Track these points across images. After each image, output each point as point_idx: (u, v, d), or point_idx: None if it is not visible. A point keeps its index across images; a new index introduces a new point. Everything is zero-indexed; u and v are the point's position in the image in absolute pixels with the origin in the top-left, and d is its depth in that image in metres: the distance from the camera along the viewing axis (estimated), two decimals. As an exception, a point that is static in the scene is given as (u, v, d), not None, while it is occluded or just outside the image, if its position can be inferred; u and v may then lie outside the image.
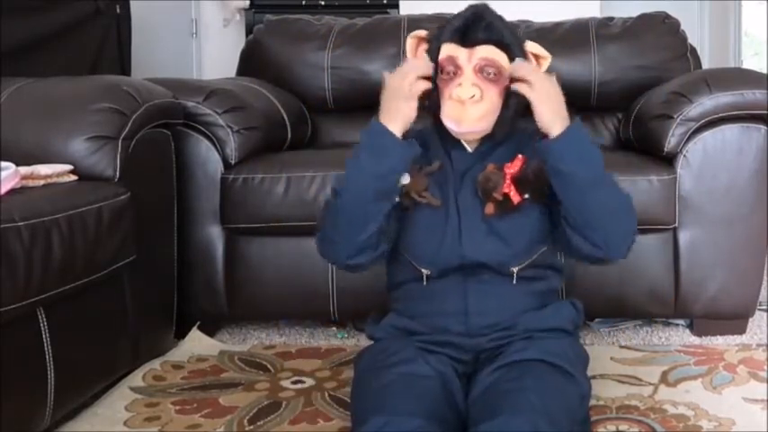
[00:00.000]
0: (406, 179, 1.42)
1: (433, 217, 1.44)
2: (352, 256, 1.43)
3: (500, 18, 1.45)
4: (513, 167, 1.41)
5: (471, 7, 1.45)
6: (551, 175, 1.35)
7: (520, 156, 1.42)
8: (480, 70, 1.39)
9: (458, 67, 1.40)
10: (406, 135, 1.38)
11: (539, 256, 1.45)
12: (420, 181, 1.44)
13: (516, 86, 1.37)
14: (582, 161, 1.34)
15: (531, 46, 1.46)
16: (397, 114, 1.37)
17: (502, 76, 1.41)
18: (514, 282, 1.43)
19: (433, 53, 1.44)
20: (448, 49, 1.42)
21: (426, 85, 1.39)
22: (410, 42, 1.49)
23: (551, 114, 1.35)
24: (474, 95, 1.37)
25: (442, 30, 1.45)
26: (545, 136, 1.35)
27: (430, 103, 1.45)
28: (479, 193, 1.42)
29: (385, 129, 1.36)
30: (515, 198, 1.40)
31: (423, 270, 1.44)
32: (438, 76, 1.43)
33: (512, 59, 1.41)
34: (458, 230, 1.42)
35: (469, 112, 1.38)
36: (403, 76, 1.38)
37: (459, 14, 1.45)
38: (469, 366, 1.42)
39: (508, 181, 1.40)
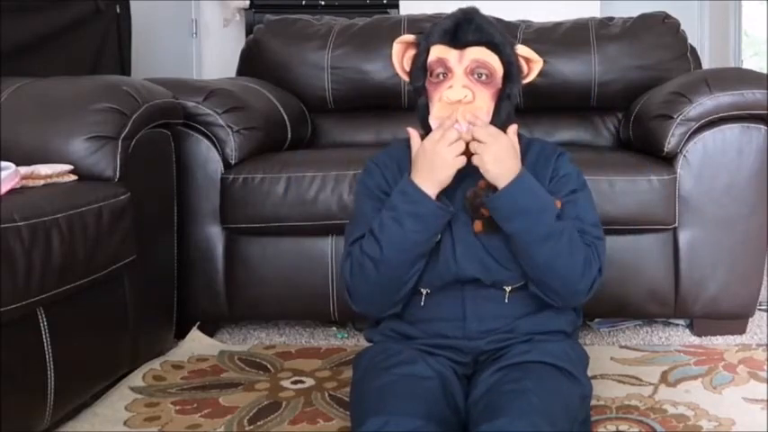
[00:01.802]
0: None
1: None
2: (390, 310, 1.44)
3: (490, 20, 1.43)
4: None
5: (460, 9, 1.44)
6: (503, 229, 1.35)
7: None
8: (471, 72, 1.38)
9: (448, 69, 1.38)
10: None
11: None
12: None
13: (472, 147, 1.33)
14: (523, 217, 1.33)
15: (523, 50, 1.45)
16: (436, 181, 1.34)
17: (494, 78, 1.39)
18: (506, 301, 1.42)
19: (422, 55, 1.42)
20: (437, 51, 1.40)
21: (463, 161, 1.34)
22: (396, 48, 1.47)
23: (496, 173, 1.33)
24: (465, 96, 1.36)
25: (431, 31, 1.43)
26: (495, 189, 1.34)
27: (418, 108, 1.44)
28: (468, 210, 1.39)
29: (425, 195, 1.33)
30: None
31: (421, 289, 1.43)
32: (426, 79, 1.42)
33: (503, 61, 1.40)
34: (452, 248, 1.40)
35: (461, 114, 1.36)
36: (446, 143, 1.32)
37: (448, 16, 1.43)
38: (469, 368, 1.42)
39: None
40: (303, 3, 4.29)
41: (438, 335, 1.43)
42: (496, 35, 1.40)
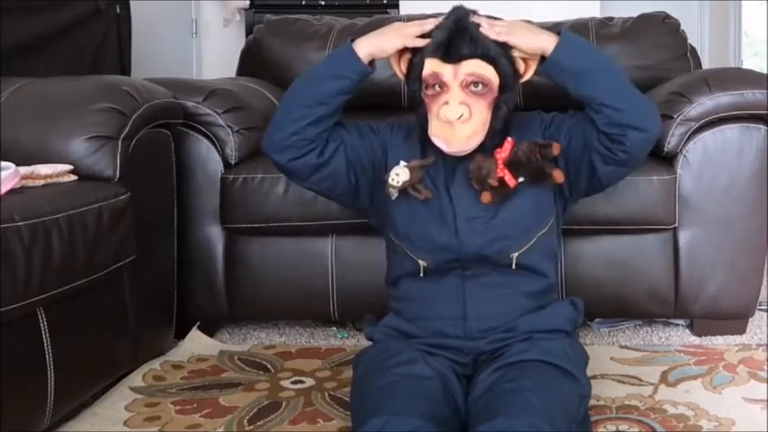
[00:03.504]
0: (405, 175, 1.43)
1: (428, 209, 1.43)
2: (278, 149, 1.46)
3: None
4: (503, 151, 1.41)
5: (453, 14, 1.42)
6: (572, 84, 1.38)
7: (509, 139, 1.42)
8: (467, 86, 1.38)
9: (443, 84, 1.38)
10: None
11: (537, 241, 1.45)
12: (415, 174, 1.44)
13: (498, 31, 1.39)
14: (589, 53, 1.41)
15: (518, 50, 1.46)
16: (375, 41, 1.42)
17: (490, 88, 1.40)
18: (513, 267, 1.42)
19: (417, 67, 1.42)
20: (432, 65, 1.39)
21: (415, 42, 1.41)
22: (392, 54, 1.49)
23: (533, 38, 1.39)
24: (462, 115, 1.35)
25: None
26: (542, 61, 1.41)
27: (417, 116, 1.45)
28: (473, 183, 1.41)
29: (350, 45, 1.42)
30: (511, 182, 1.40)
31: (419, 261, 1.44)
32: (423, 91, 1.42)
33: (498, 71, 1.40)
34: (453, 222, 1.42)
35: (458, 133, 1.36)
36: (409, 26, 1.43)
37: (441, 26, 1.42)
38: (469, 368, 1.42)
39: (501, 165, 1.40)
40: (303, 3, 4.28)
41: (438, 333, 1.43)
42: (491, 46, 1.39)
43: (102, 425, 1.58)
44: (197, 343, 2.03)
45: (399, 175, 1.44)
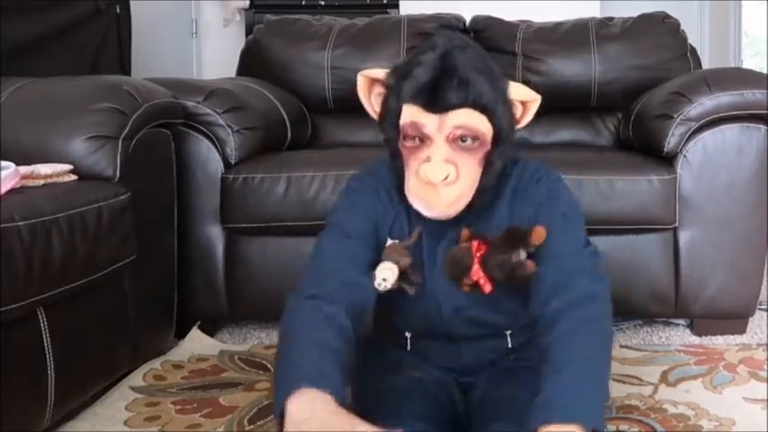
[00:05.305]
0: (393, 274, 1.20)
1: (410, 296, 1.27)
2: None
3: (473, 63, 1.14)
4: (481, 249, 1.19)
5: (440, 47, 1.15)
6: None
7: (489, 238, 1.20)
8: (455, 140, 1.13)
9: (425, 137, 1.13)
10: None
11: (524, 320, 1.32)
12: (405, 260, 1.23)
13: None
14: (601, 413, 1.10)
15: (516, 92, 1.20)
16: None
17: (482, 143, 1.15)
18: (510, 345, 1.34)
19: (392, 111, 1.16)
20: (411, 113, 1.13)
21: None
22: (360, 81, 1.23)
23: None
24: (448, 176, 1.12)
25: (402, 81, 1.15)
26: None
27: (394, 171, 1.21)
28: (447, 277, 1.22)
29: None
30: (486, 287, 1.20)
31: (405, 332, 1.36)
32: (400, 141, 1.17)
33: (491, 121, 1.15)
34: (437, 308, 1.28)
35: (443, 196, 1.13)
36: None
37: (423, 62, 1.14)
38: (469, 377, 1.41)
39: (476, 266, 1.19)
40: (303, 3, 4.29)
41: (434, 366, 1.37)
42: (485, 92, 1.13)
43: (102, 425, 1.58)
44: (197, 343, 2.03)
45: (387, 279, 1.19)
